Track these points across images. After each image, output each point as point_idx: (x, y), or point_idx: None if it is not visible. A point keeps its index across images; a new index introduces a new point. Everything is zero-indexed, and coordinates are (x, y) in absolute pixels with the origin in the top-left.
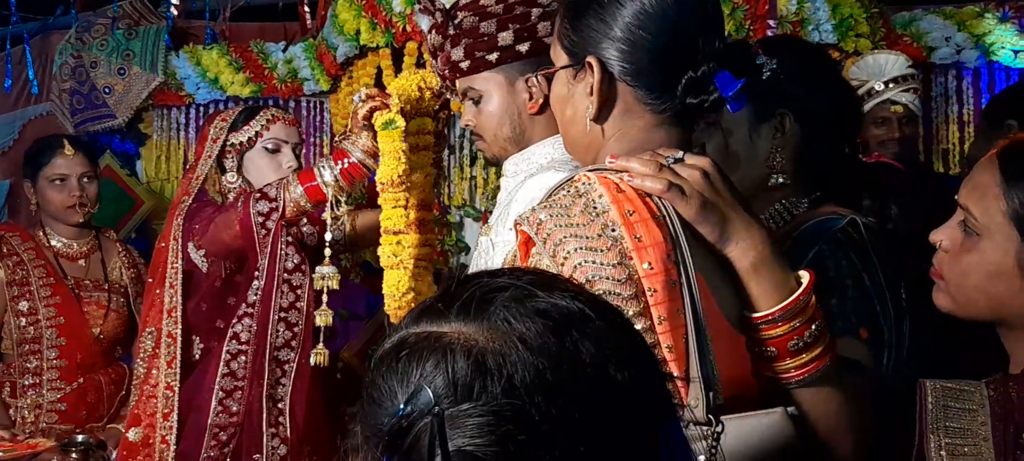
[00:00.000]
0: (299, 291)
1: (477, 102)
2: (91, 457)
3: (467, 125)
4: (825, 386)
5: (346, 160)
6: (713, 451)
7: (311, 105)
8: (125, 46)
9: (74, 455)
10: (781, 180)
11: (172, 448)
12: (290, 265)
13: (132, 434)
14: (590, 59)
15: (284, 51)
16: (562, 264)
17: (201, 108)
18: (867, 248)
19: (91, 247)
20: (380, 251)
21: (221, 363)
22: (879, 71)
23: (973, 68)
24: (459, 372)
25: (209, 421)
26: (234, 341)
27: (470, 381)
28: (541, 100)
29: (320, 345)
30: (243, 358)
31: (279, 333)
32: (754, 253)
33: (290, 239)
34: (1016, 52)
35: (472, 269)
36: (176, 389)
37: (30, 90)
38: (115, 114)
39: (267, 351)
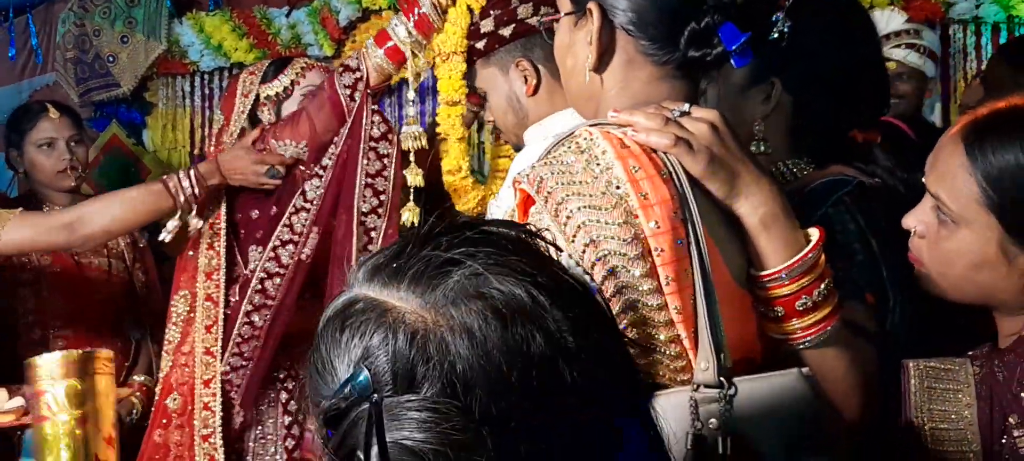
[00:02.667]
0: (386, 159)
1: (486, 98)
2: None
3: (489, 120)
4: (832, 347)
5: (416, 11)
6: (726, 413)
7: None
8: (127, 13)
9: None
10: (763, 148)
11: (217, 415)
12: (376, 133)
13: (170, 401)
14: (591, 5)
15: (287, 16)
16: (565, 224)
17: (205, 76)
18: (875, 211)
19: None
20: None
21: (267, 251)
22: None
23: (992, 23)
24: (400, 356)
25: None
26: (287, 230)
27: (411, 368)
28: (535, 81)
29: (410, 202)
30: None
31: (366, 199)
32: (764, 209)
33: (376, 108)
34: None
35: None
36: (217, 354)
37: (35, 60)
38: (119, 83)
39: (354, 216)
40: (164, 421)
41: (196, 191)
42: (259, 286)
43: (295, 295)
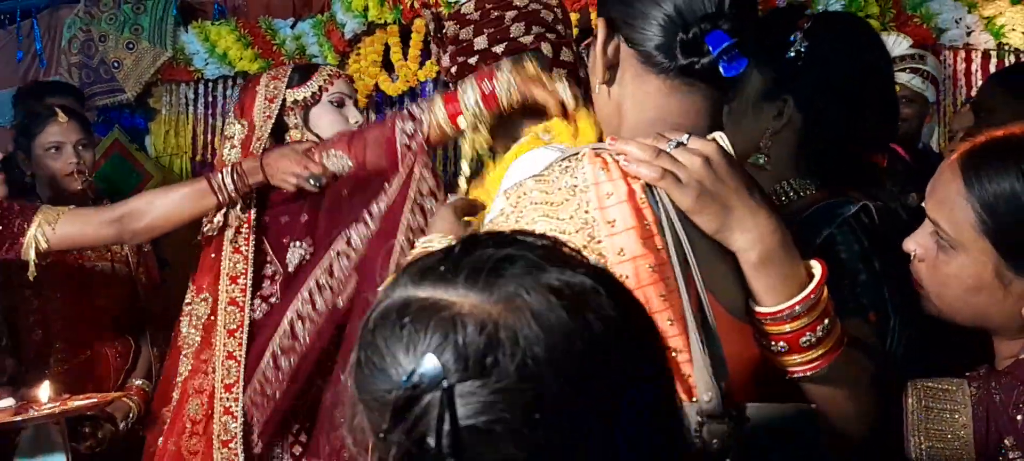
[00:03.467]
0: (430, 214)
1: None
2: (100, 432)
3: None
4: (836, 377)
5: (489, 83)
6: (732, 440)
7: None
8: (134, 20)
9: (85, 428)
10: (762, 161)
11: (239, 420)
12: (425, 189)
13: (192, 407)
14: (599, 21)
15: (292, 27)
16: None
17: (209, 84)
18: (878, 233)
19: None
20: None
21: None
22: None
23: (983, 50)
24: (470, 345)
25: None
26: (326, 274)
27: (481, 355)
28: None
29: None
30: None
31: (404, 252)
32: (760, 247)
33: (428, 162)
34: None
35: None
36: (241, 360)
37: (39, 64)
38: (124, 88)
39: (389, 271)
40: (181, 428)
41: (238, 188)
42: (288, 328)
43: (324, 343)
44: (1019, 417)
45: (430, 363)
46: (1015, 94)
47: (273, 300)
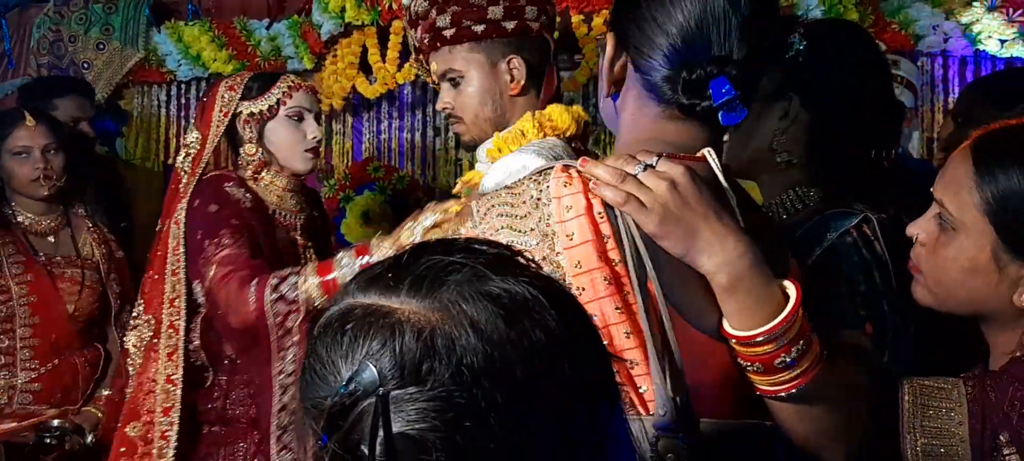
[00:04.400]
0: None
1: (456, 84)
2: (67, 442)
3: (445, 107)
4: (811, 398)
5: (367, 258)
6: (684, 454)
7: None
8: (104, 21)
9: (49, 440)
10: (789, 159)
11: (172, 445)
12: (289, 367)
13: (131, 429)
14: (609, 34)
15: (268, 28)
16: None
17: (182, 85)
18: (881, 247)
19: (59, 222)
20: None
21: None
22: None
23: (960, 57)
24: (407, 352)
25: None
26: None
27: (417, 362)
28: (523, 81)
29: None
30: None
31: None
32: (728, 270)
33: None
34: (1003, 41)
35: None
36: (178, 383)
37: (7, 65)
38: (94, 90)
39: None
40: (123, 450)
41: None
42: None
43: None
44: (1014, 414)
45: (367, 370)
46: (993, 101)
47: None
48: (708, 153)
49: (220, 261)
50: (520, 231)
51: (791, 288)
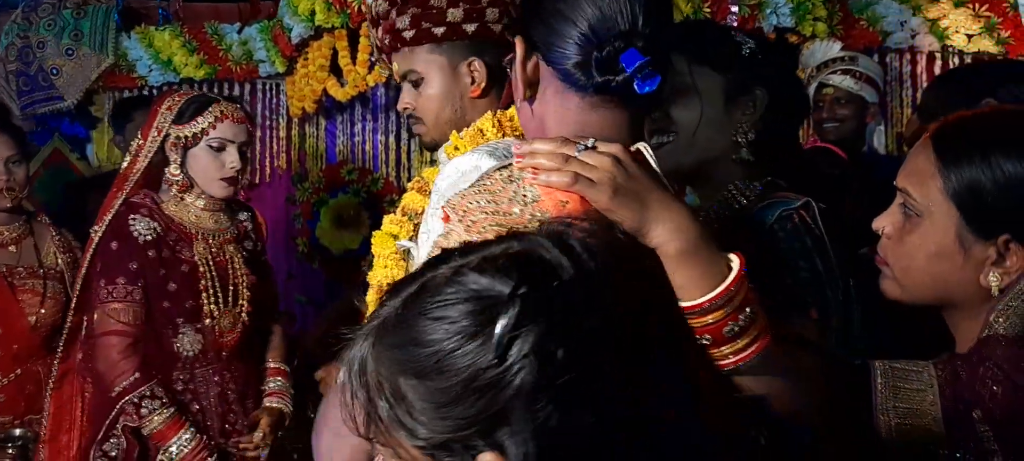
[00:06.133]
0: None
1: (417, 85)
2: (30, 452)
3: (406, 108)
4: (767, 370)
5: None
6: None
7: (267, 87)
8: (74, 26)
9: (11, 450)
10: (745, 154)
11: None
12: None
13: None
14: (516, 40)
15: (239, 32)
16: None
17: (153, 91)
18: (820, 232)
19: (22, 233)
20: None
21: None
22: (812, 58)
23: (928, 53)
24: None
25: None
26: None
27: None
28: (483, 84)
29: None
30: None
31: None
32: (680, 238)
33: None
34: (970, 36)
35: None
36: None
37: None
38: (63, 96)
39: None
40: None
41: None
42: None
43: None
44: (985, 391)
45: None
46: (956, 96)
47: None
48: (644, 147)
49: (109, 313)
50: (508, 228)
51: (734, 259)
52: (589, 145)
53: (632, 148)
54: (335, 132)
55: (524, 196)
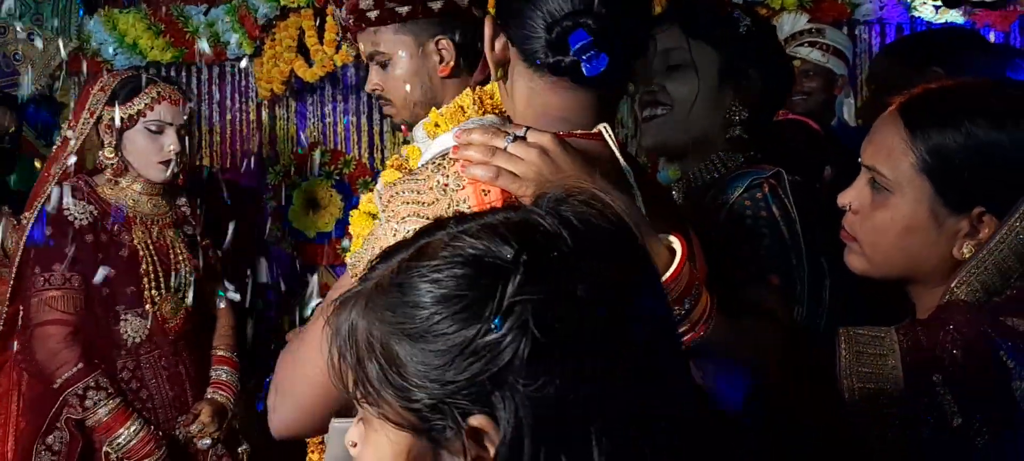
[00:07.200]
0: None
1: (384, 66)
2: None
3: (374, 89)
4: (717, 345)
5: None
6: None
7: (235, 70)
8: (34, 10)
9: None
10: (739, 132)
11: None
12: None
13: None
14: (486, 19)
15: (205, 14)
16: (396, 236)
17: None
18: (788, 202)
19: None
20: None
21: None
22: (780, 31)
23: (896, 24)
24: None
25: None
26: None
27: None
28: (452, 63)
29: None
30: None
31: None
32: None
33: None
34: (937, 7)
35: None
36: None
37: None
38: (28, 82)
39: None
40: None
41: None
42: None
43: None
44: (945, 355)
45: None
46: (905, 63)
47: None
48: (604, 129)
49: (47, 302)
50: (428, 218)
51: (676, 243)
52: (519, 135)
53: (595, 129)
54: (305, 113)
55: (446, 185)
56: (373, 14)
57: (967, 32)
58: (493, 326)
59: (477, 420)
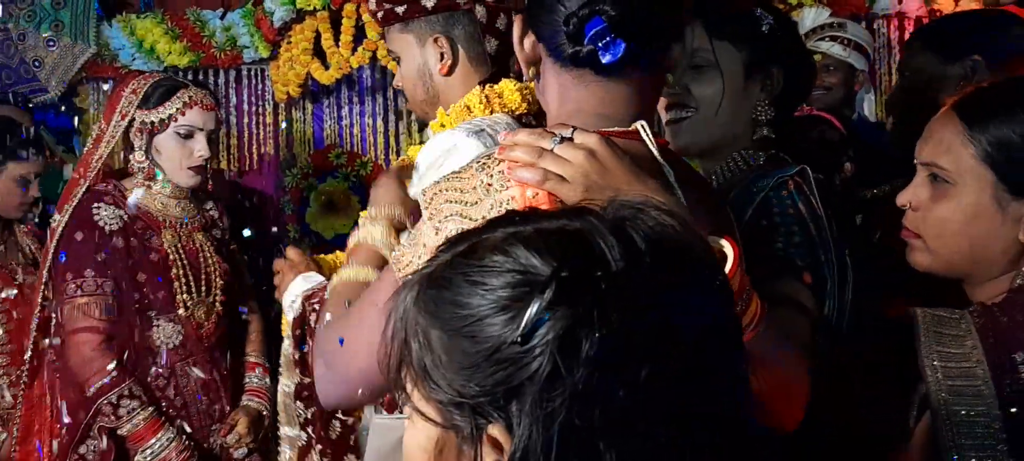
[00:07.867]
0: None
1: (399, 64)
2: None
3: (397, 86)
4: (759, 346)
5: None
6: None
7: (252, 73)
8: (53, 16)
9: None
10: (767, 132)
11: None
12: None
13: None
14: (516, 17)
15: (222, 18)
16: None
17: None
18: (814, 200)
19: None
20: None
21: None
22: (800, 26)
23: (915, 17)
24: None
25: None
26: None
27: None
28: (450, 61)
29: None
30: None
31: None
32: None
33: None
34: (957, 1)
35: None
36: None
37: None
38: (47, 88)
39: None
40: None
41: None
42: None
43: None
44: None
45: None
46: (941, 54)
47: None
48: (641, 127)
49: (79, 309)
50: (471, 218)
51: (727, 247)
52: (566, 136)
53: (632, 127)
54: (322, 116)
55: (490, 185)
56: (380, 15)
57: (1002, 13)
58: (517, 339)
59: (494, 429)
